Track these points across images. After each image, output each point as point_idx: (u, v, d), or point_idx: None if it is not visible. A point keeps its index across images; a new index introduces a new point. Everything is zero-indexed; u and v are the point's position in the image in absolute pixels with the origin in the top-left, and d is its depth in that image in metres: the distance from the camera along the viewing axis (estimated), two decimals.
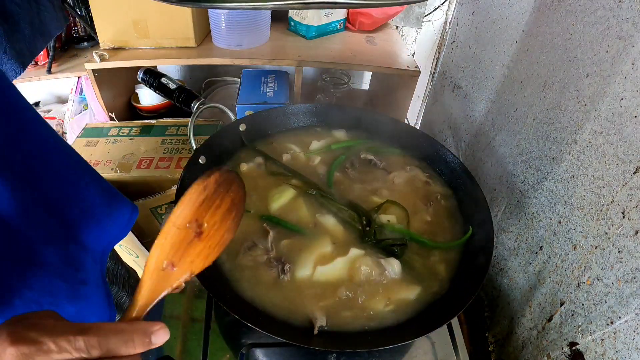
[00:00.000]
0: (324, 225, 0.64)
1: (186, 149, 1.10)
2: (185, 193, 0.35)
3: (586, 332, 0.49)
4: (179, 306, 0.65)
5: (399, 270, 0.58)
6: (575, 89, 0.53)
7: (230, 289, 0.56)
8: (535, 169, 0.62)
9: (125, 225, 0.65)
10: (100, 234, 0.60)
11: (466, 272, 0.59)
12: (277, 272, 0.57)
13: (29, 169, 0.48)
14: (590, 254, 0.50)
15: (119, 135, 1.15)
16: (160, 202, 1.04)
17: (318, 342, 0.50)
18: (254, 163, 0.74)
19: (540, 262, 0.60)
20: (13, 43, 0.57)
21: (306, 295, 0.56)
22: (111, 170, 1.04)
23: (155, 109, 1.38)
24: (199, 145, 0.70)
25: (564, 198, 0.55)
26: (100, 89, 1.19)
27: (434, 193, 0.71)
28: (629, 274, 0.43)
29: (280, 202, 0.66)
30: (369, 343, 0.51)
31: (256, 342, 0.60)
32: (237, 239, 0.61)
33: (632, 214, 0.43)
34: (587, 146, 0.51)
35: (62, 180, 0.53)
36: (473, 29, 0.88)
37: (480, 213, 0.63)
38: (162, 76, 0.79)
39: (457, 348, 0.61)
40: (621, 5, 0.46)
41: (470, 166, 0.73)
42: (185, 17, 1.08)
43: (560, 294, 0.55)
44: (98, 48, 1.16)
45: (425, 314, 0.55)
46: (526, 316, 0.62)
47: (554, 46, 0.58)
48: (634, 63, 0.44)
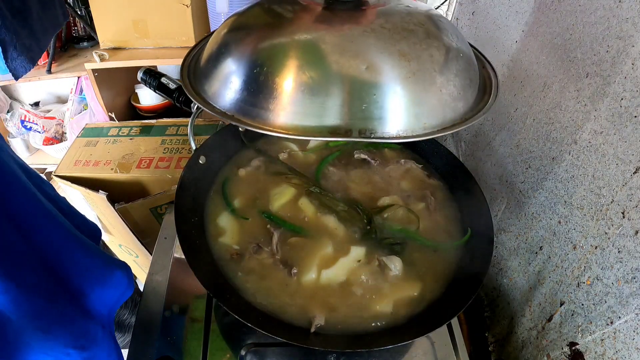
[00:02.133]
0: (325, 224, 0.64)
1: (186, 149, 1.10)
2: None
3: (586, 332, 0.49)
4: (179, 306, 0.65)
5: (400, 269, 0.58)
6: (575, 89, 0.53)
7: (236, 292, 0.56)
8: (535, 169, 0.62)
9: (127, 285, 0.65)
10: (102, 294, 0.60)
11: (466, 272, 0.59)
12: (283, 275, 0.57)
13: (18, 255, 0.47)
14: (590, 254, 0.50)
15: (118, 135, 1.15)
16: (160, 202, 1.04)
17: (318, 342, 0.50)
18: (253, 163, 0.74)
19: (540, 262, 0.60)
20: (22, 39, 0.56)
21: (308, 295, 0.56)
22: (111, 170, 1.04)
23: (155, 109, 1.38)
24: (199, 145, 0.70)
25: (564, 198, 0.55)
26: (100, 89, 1.19)
27: (433, 193, 0.71)
28: (629, 274, 0.43)
29: (281, 201, 0.66)
30: (369, 343, 0.51)
31: (256, 342, 0.60)
32: (241, 242, 0.61)
33: (632, 214, 0.43)
34: (587, 146, 0.51)
35: (51, 253, 0.52)
36: (473, 29, 0.88)
37: (480, 213, 0.63)
38: (162, 76, 0.78)
39: (457, 348, 0.61)
40: (621, 5, 0.46)
41: (470, 166, 0.73)
42: (185, 17, 1.08)
43: (560, 294, 0.55)
44: (98, 48, 1.16)
45: (425, 314, 0.55)
46: (526, 316, 0.62)
47: (554, 46, 0.58)
48: (634, 63, 0.44)
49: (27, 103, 1.76)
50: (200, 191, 0.67)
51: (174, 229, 0.67)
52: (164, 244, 0.75)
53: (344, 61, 0.39)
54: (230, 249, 0.61)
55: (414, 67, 0.40)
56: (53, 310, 0.50)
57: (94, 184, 1.03)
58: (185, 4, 1.08)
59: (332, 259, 0.59)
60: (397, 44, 0.40)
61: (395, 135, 0.40)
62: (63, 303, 0.52)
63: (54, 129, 1.70)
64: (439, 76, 0.41)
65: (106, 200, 1.00)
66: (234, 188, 0.69)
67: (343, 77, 0.39)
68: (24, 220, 0.49)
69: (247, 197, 0.68)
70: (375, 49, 0.40)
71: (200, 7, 1.15)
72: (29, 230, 0.50)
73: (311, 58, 0.40)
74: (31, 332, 0.48)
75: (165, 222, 0.82)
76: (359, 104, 0.39)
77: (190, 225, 0.61)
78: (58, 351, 0.50)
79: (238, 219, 0.65)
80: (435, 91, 0.41)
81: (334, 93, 0.39)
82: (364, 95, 0.39)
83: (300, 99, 0.39)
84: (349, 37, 0.40)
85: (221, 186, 0.69)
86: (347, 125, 0.40)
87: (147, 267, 0.72)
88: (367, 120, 0.39)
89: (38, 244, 0.51)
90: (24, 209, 0.50)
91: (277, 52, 0.41)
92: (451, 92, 0.42)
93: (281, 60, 0.40)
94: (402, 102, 0.40)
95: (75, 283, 0.55)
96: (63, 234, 0.55)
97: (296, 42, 0.41)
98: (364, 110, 0.39)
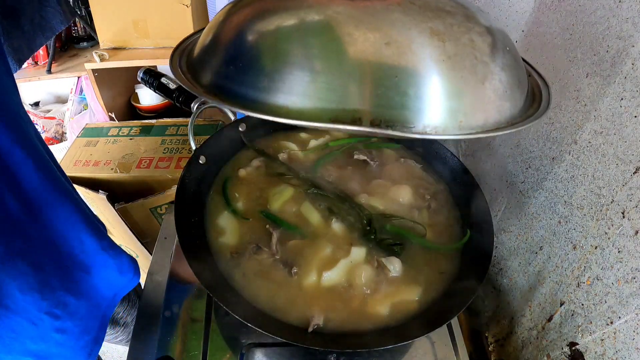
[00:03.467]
0: (325, 224, 0.64)
1: (186, 149, 1.10)
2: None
3: (586, 332, 0.49)
4: (179, 306, 0.65)
5: (400, 269, 0.58)
6: (575, 89, 0.53)
7: (236, 292, 0.56)
8: (535, 169, 0.62)
9: (134, 273, 0.68)
10: (103, 282, 0.62)
11: (466, 272, 0.59)
12: (284, 275, 0.57)
13: (15, 221, 0.49)
14: (590, 254, 0.50)
15: (118, 135, 1.15)
16: (160, 202, 1.04)
17: (318, 342, 0.50)
18: (253, 163, 0.74)
19: (540, 262, 0.60)
20: (11, 40, 0.56)
21: (308, 295, 0.56)
22: (111, 170, 1.04)
23: (155, 109, 1.38)
24: (199, 145, 0.70)
25: (564, 198, 0.55)
26: (100, 89, 1.19)
27: (433, 193, 0.71)
28: (629, 274, 0.43)
29: (280, 201, 0.66)
30: (369, 343, 0.51)
31: (256, 342, 0.60)
32: (242, 242, 0.61)
33: (632, 214, 0.43)
34: (587, 146, 0.51)
35: (58, 230, 0.55)
36: None
37: (480, 213, 0.63)
38: (162, 76, 0.79)
39: (457, 348, 0.61)
40: (621, 5, 0.46)
41: (470, 166, 0.73)
42: (185, 17, 1.08)
43: (560, 294, 0.55)
44: (98, 48, 1.16)
45: (425, 314, 0.55)
46: (526, 316, 0.62)
47: (554, 46, 0.58)
48: (634, 63, 0.44)
49: (27, 103, 1.76)
50: (200, 191, 0.67)
51: (174, 229, 0.67)
52: (164, 244, 0.75)
53: (359, 34, 0.32)
54: (230, 248, 0.61)
55: (450, 50, 0.32)
56: (37, 277, 0.52)
57: (94, 184, 1.03)
58: (185, 4, 1.08)
59: (331, 259, 0.59)
60: (430, 21, 0.33)
61: (421, 131, 0.32)
62: (49, 272, 0.54)
63: (54, 129, 1.70)
64: (481, 66, 0.33)
65: (106, 200, 1.01)
66: (234, 188, 0.69)
67: (356, 53, 0.31)
68: (34, 191, 0.51)
69: (247, 197, 0.68)
70: (401, 23, 0.32)
71: (200, 7, 1.15)
72: (34, 200, 0.51)
73: (316, 29, 0.33)
74: (11, 291, 0.50)
75: (165, 222, 0.82)
76: (374, 87, 0.31)
77: (190, 225, 0.61)
78: (32, 314, 0.52)
79: (238, 219, 0.65)
80: (477, 83, 0.33)
81: (342, 71, 0.32)
82: (382, 76, 0.31)
83: (299, 75, 0.32)
84: (369, 11, 0.33)
85: (221, 186, 0.69)
86: (355, 112, 0.31)
87: (147, 267, 0.72)
88: (383, 109, 0.32)
89: (42, 216, 0.52)
90: (37, 182, 0.51)
91: (275, 20, 0.34)
92: (497, 89, 0.35)
93: (278, 29, 0.34)
94: (432, 91, 0.32)
95: (76, 259, 0.57)
96: (73, 210, 0.57)
97: (301, 11, 0.34)
98: (379, 95, 0.31)
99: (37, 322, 0.53)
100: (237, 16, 0.38)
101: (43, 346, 0.55)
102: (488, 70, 0.34)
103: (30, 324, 0.52)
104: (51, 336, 0.55)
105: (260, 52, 0.34)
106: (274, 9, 0.35)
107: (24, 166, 0.49)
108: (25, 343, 0.53)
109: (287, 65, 0.33)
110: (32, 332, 0.53)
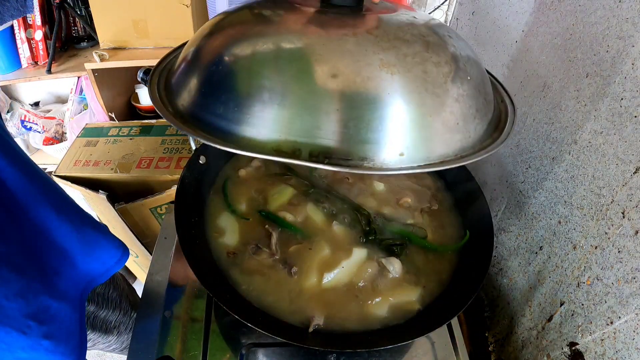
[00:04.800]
0: (325, 224, 0.64)
1: (186, 149, 1.10)
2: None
3: (586, 332, 0.49)
4: (179, 306, 0.65)
5: (400, 270, 0.58)
6: (575, 89, 0.53)
7: (236, 292, 0.56)
8: (535, 169, 0.62)
9: (112, 266, 0.67)
10: (78, 276, 0.61)
11: (466, 272, 0.59)
12: (284, 275, 0.57)
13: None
14: (590, 254, 0.50)
15: (118, 135, 1.15)
16: (160, 202, 1.04)
17: (318, 342, 0.50)
18: (254, 163, 0.74)
19: (540, 262, 0.60)
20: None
21: (308, 295, 0.56)
22: (111, 170, 1.04)
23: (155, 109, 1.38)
24: (199, 145, 0.70)
25: (564, 198, 0.55)
26: (100, 88, 1.19)
27: (433, 193, 0.71)
28: (629, 274, 0.43)
29: (279, 202, 0.66)
30: (369, 343, 0.51)
31: (256, 342, 0.60)
32: (241, 242, 0.61)
33: (632, 214, 0.43)
34: (587, 146, 0.51)
35: (32, 230, 0.54)
36: (473, 29, 0.88)
37: (480, 213, 0.63)
38: None
39: (457, 348, 0.61)
40: (621, 6, 0.46)
41: (470, 166, 0.73)
42: (185, 17, 1.09)
43: (560, 294, 0.55)
44: (98, 48, 1.16)
45: (425, 314, 0.55)
46: (526, 316, 0.62)
47: (554, 46, 0.58)
48: (634, 63, 0.44)
49: (27, 103, 1.76)
50: (200, 191, 0.67)
51: (174, 229, 0.67)
52: (164, 244, 0.75)
53: (308, 66, 0.32)
54: (230, 248, 0.61)
55: (398, 82, 0.32)
56: (20, 282, 0.51)
57: (94, 184, 1.03)
58: (185, 4, 1.08)
59: (332, 260, 0.59)
60: (382, 52, 0.33)
61: (357, 165, 0.32)
62: (32, 276, 0.53)
63: (54, 129, 1.70)
64: (431, 98, 0.34)
65: (106, 200, 1.01)
66: (234, 188, 0.69)
67: (299, 83, 0.32)
68: (16, 193, 0.50)
69: (247, 197, 0.68)
70: (350, 55, 0.32)
71: (200, 7, 1.15)
72: (16, 203, 0.50)
73: (266, 59, 0.33)
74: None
75: (165, 222, 0.82)
76: (313, 120, 0.31)
77: (190, 225, 0.61)
78: (20, 322, 0.52)
79: (238, 219, 0.65)
80: (423, 116, 0.33)
81: (284, 103, 0.32)
82: (324, 109, 0.31)
83: (247, 105, 0.32)
84: (322, 41, 0.33)
85: (221, 186, 0.69)
86: (295, 143, 0.31)
87: (147, 267, 0.72)
88: (322, 140, 0.32)
89: (21, 217, 0.52)
90: (19, 183, 0.51)
91: (233, 49, 0.35)
92: (446, 121, 0.35)
93: (232, 60, 0.34)
94: (373, 124, 0.32)
95: (49, 264, 0.56)
96: (55, 203, 0.56)
97: (252, 39, 0.34)
98: (319, 127, 0.31)
99: (25, 330, 0.52)
100: (201, 43, 0.40)
101: (34, 355, 0.54)
102: (438, 102, 0.34)
103: (20, 334, 0.51)
104: (40, 343, 0.54)
105: (214, 82, 0.35)
106: (236, 37, 0.36)
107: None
108: (17, 353, 0.52)
109: (236, 95, 0.33)
110: (22, 342, 0.52)
